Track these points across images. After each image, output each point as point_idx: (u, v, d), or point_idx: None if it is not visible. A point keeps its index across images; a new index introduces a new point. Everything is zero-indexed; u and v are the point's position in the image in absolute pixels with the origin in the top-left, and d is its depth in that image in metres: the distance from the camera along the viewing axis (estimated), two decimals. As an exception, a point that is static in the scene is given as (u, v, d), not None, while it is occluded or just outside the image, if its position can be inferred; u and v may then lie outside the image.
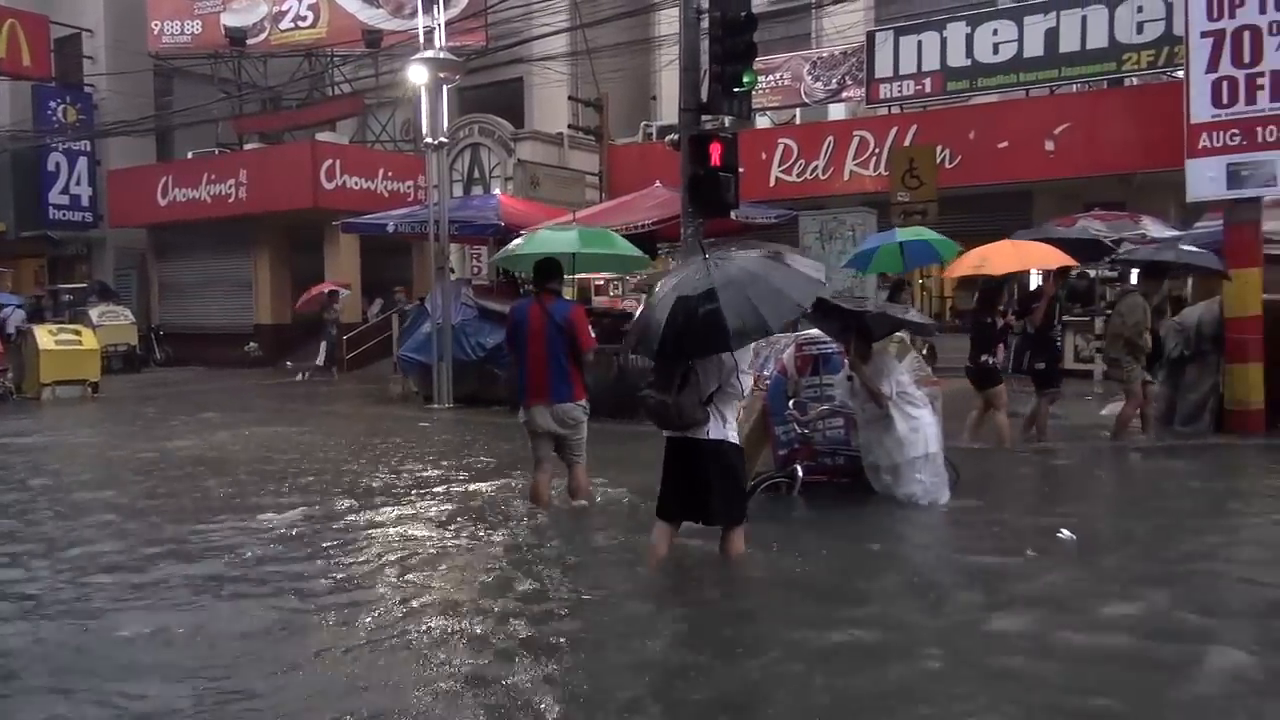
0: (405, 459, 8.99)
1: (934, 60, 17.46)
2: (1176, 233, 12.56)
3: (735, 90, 10.76)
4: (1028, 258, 9.62)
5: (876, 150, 17.41)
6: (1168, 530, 6.03)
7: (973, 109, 17.62)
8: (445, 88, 14.17)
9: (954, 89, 17.56)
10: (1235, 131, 9.39)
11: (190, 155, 24.38)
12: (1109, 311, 14.81)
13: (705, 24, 10.94)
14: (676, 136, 11.47)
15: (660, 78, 22.55)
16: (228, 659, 3.97)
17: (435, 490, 7.44)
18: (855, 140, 17.91)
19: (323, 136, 23.38)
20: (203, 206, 22.71)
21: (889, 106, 18.24)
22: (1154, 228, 13.17)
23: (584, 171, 21.13)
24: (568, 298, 7.79)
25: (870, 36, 18.36)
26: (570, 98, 21.71)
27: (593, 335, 6.52)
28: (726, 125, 12.96)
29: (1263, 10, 9.21)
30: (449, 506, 6.84)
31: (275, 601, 4.72)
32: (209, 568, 5.33)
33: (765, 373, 6.89)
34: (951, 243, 11.44)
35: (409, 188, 22.25)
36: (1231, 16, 9.34)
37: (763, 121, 20.53)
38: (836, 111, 20.14)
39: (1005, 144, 16.48)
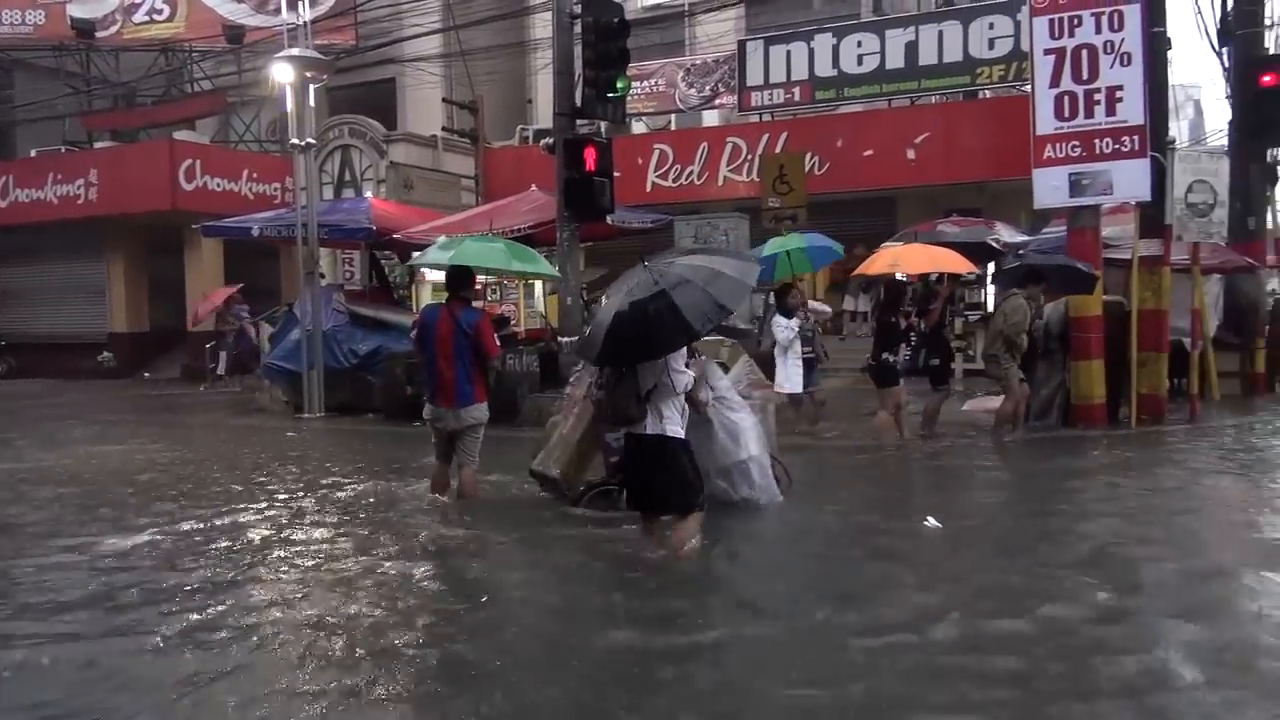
0: (269, 472, 8.62)
1: (802, 70, 18.00)
2: (1027, 238, 13.33)
3: (609, 95, 10.87)
4: (937, 261, 9.91)
5: (749, 156, 17.80)
6: (1018, 516, 6.39)
7: (840, 117, 18.25)
8: (312, 87, 13.75)
9: (822, 98, 18.14)
10: (1076, 143, 10.04)
11: (34, 154, 22.86)
12: (968, 313, 15.70)
13: (579, 29, 11.01)
14: (552, 140, 11.49)
15: (536, 81, 22.50)
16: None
17: (302, 504, 7.18)
18: (729, 146, 18.28)
19: (181, 135, 22.29)
20: (49, 208, 21.31)
21: (760, 114, 18.69)
22: (1006, 233, 13.91)
23: (459, 174, 20.87)
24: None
25: (741, 45, 18.78)
26: (444, 100, 21.40)
27: (497, 343, 6.87)
28: (602, 130, 13.05)
29: (1098, 31, 9.89)
30: (319, 519, 6.62)
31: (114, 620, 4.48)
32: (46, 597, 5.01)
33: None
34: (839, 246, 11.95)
35: (275, 190, 21.45)
36: (1071, 36, 9.99)
37: (638, 127, 20.74)
38: (710, 118, 20.54)
39: (870, 152, 17.11)
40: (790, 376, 9.67)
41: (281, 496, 7.42)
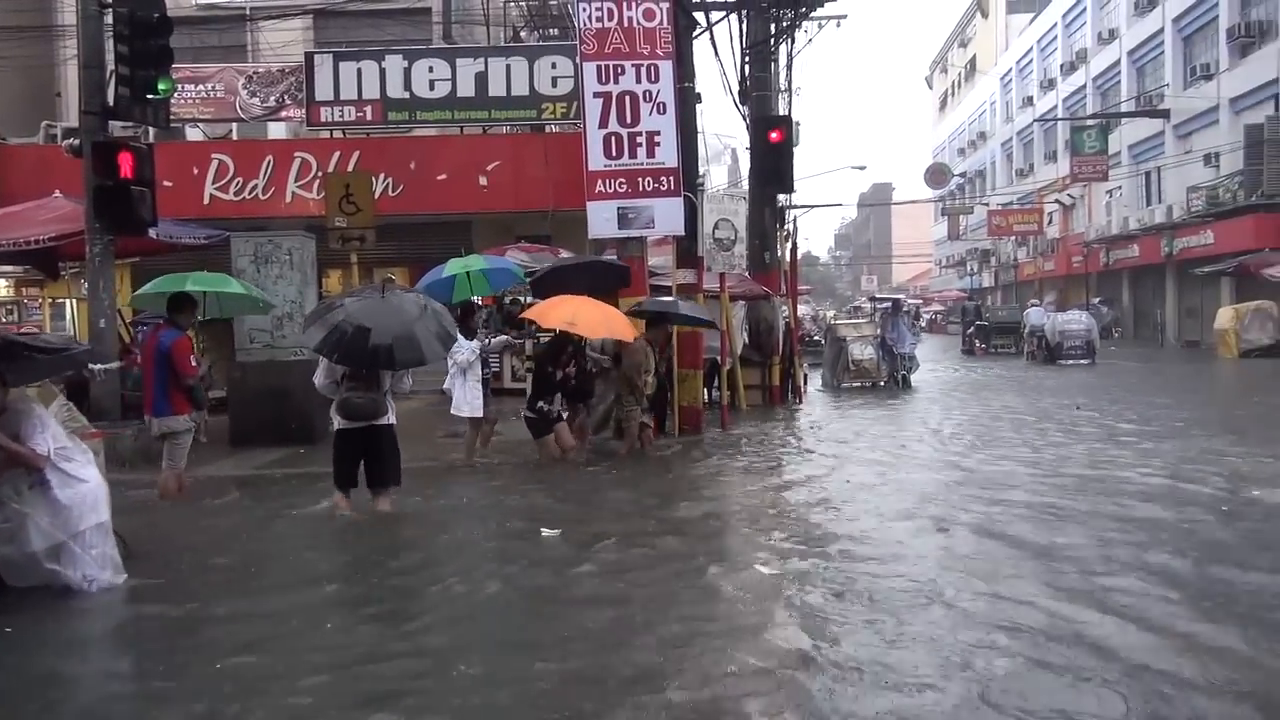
0: None
1: (374, 89, 17.69)
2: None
3: (150, 97, 9.87)
4: (613, 328, 9.46)
5: (320, 173, 17.09)
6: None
7: (413, 140, 18.24)
8: None
9: (395, 119, 17.98)
10: (622, 180, 11.04)
11: None
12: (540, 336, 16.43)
13: (111, 19, 9.88)
14: (78, 141, 10.17)
15: (66, 72, 19.73)
16: None
17: None
18: (297, 161, 17.42)
19: None
20: None
21: (331, 130, 18.10)
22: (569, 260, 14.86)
23: (-39, 173, 17.59)
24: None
25: (309, 58, 18.03)
26: (-62, 83, 17.97)
27: (194, 365, 7.80)
28: (150, 134, 11.80)
29: (639, 80, 10.99)
30: None
31: None
32: None
33: None
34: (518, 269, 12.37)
35: None
36: (616, 82, 10.99)
37: (194, 134, 19.06)
38: (277, 130, 19.48)
39: (444, 176, 17.30)
40: (470, 399, 9.44)
41: None
